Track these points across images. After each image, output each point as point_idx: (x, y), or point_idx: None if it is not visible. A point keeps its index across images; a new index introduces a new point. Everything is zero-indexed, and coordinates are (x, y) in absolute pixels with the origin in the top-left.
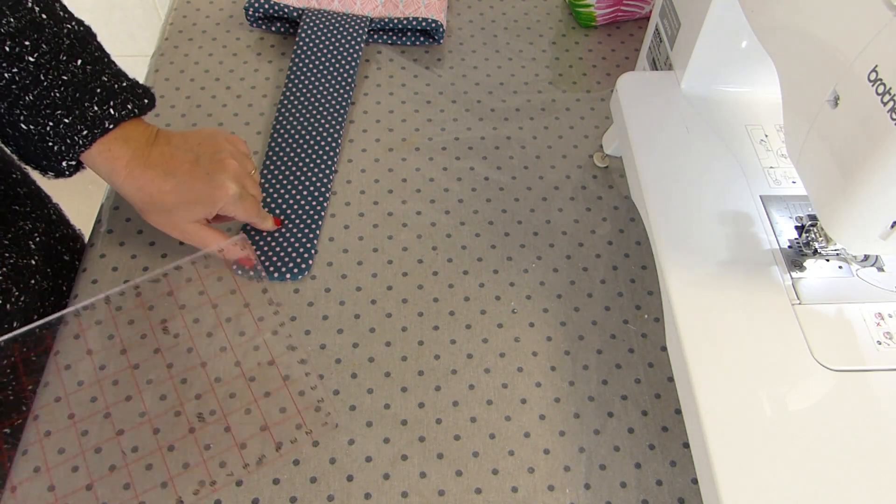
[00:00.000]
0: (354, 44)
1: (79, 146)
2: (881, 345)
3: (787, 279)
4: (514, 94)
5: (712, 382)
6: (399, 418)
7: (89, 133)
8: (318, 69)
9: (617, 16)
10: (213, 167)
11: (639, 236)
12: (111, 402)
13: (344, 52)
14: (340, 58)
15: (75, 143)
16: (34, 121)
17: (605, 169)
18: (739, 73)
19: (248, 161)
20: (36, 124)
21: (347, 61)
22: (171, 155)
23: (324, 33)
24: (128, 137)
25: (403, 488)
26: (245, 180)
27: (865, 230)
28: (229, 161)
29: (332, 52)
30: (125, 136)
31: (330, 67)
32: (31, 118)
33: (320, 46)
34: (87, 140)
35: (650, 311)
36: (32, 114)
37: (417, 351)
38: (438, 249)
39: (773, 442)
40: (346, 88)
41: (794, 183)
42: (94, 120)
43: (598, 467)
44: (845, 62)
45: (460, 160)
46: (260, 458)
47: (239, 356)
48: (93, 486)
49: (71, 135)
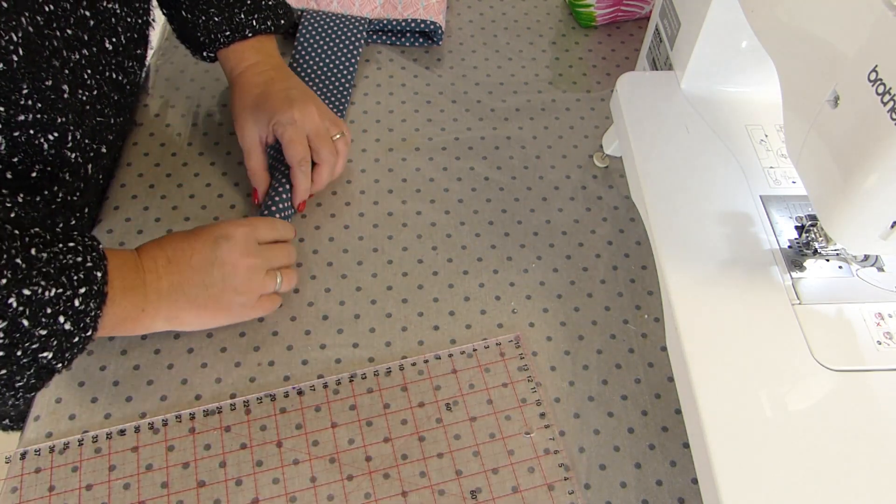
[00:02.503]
0: (353, 44)
1: (219, 43)
2: (881, 345)
3: (787, 279)
4: (514, 94)
5: (712, 382)
6: (399, 418)
7: (231, 35)
8: (317, 69)
9: (617, 16)
10: (298, 97)
11: (639, 236)
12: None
13: (343, 53)
14: (339, 58)
15: (217, 41)
16: (192, 11)
17: (605, 169)
18: (739, 73)
19: (334, 125)
20: (192, 14)
21: (346, 61)
22: (280, 74)
23: (323, 34)
24: (261, 49)
25: (404, 488)
26: (312, 130)
27: (865, 230)
28: (311, 105)
29: (330, 53)
30: (259, 47)
31: (329, 67)
32: (190, 8)
33: (319, 46)
34: (228, 40)
35: (650, 311)
36: (192, 5)
37: (417, 350)
38: (438, 249)
39: (773, 442)
40: (345, 88)
41: (794, 183)
42: (238, 25)
43: (598, 467)
44: (845, 62)
45: (460, 160)
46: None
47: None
48: None
49: (216, 33)
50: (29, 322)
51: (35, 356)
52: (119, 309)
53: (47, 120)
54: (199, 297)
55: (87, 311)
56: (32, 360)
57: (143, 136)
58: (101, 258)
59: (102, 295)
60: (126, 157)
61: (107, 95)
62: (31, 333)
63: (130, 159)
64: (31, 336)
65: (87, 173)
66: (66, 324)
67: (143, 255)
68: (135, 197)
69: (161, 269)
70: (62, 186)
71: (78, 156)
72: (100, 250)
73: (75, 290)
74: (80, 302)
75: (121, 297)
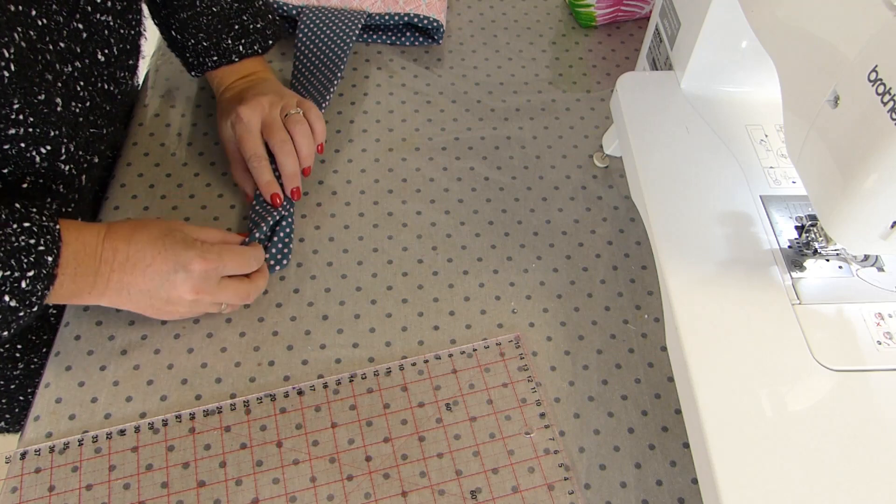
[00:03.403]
0: (347, 35)
1: (206, 67)
2: (881, 345)
3: (787, 279)
4: (514, 94)
5: (712, 382)
6: (399, 418)
7: (219, 60)
8: (308, 62)
9: (617, 16)
10: (271, 89)
11: (639, 236)
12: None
13: (337, 43)
14: (332, 48)
15: (204, 64)
16: (181, 34)
17: (605, 169)
18: (739, 73)
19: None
20: (182, 36)
21: (338, 48)
22: (265, 79)
23: (321, 26)
24: (247, 69)
25: (404, 488)
26: (274, 111)
27: (865, 230)
28: (275, 96)
29: (327, 41)
30: (241, 70)
31: (320, 58)
32: (179, 31)
33: (317, 37)
34: (215, 64)
35: (650, 311)
36: (181, 28)
37: (417, 350)
38: (438, 249)
39: (773, 442)
40: (333, 75)
41: (794, 183)
42: (225, 51)
43: (598, 467)
44: (845, 62)
45: (460, 160)
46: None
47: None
48: None
49: (204, 57)
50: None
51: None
52: (65, 290)
53: (40, 133)
54: (140, 301)
55: (34, 292)
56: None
57: (143, 136)
58: (55, 241)
59: (51, 277)
60: (126, 157)
61: (99, 106)
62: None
63: (130, 159)
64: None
65: (81, 184)
66: (12, 301)
67: (108, 239)
68: (135, 197)
69: (117, 263)
70: (56, 198)
71: (72, 168)
72: (55, 233)
73: (24, 272)
74: (27, 284)
75: (70, 281)
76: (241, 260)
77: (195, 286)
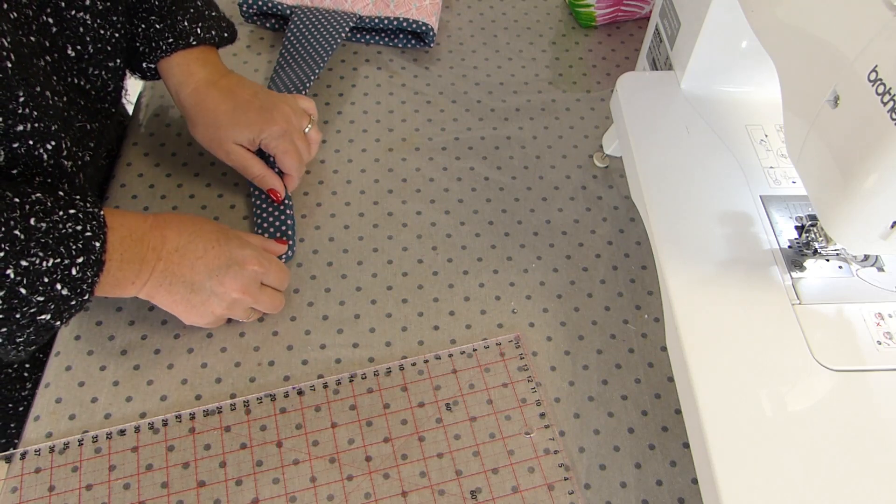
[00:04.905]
0: (336, 32)
1: (162, 51)
2: (881, 345)
3: (787, 279)
4: (514, 94)
5: (712, 382)
6: (399, 418)
7: (174, 42)
8: (296, 57)
9: (617, 16)
10: (269, 104)
11: (639, 236)
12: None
13: (325, 40)
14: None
15: (159, 48)
16: (129, 20)
17: (605, 169)
18: (739, 73)
19: (303, 117)
20: (131, 23)
21: (326, 43)
22: (238, 84)
23: (308, 26)
24: (206, 61)
25: (404, 488)
26: (295, 133)
27: (865, 230)
28: (284, 106)
29: (313, 41)
30: (205, 59)
31: (302, 55)
32: (127, 15)
33: (303, 37)
34: (171, 48)
35: (650, 311)
36: (129, 14)
37: (417, 350)
38: (438, 249)
39: (773, 442)
40: (316, 65)
41: (794, 183)
42: (182, 33)
43: (598, 467)
44: (845, 62)
45: (460, 160)
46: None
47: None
48: None
49: (158, 40)
50: (26, 290)
51: (33, 318)
52: (112, 277)
53: (44, 128)
54: (180, 292)
55: (84, 279)
56: (31, 320)
57: (142, 136)
58: (102, 227)
59: (100, 263)
60: (126, 157)
61: (74, 101)
62: (28, 300)
63: (130, 159)
64: (29, 302)
65: (81, 183)
66: (63, 290)
67: (156, 227)
68: (135, 197)
69: (165, 252)
70: None
71: (71, 165)
72: (101, 219)
73: (73, 259)
74: (77, 270)
75: (116, 268)
76: (282, 273)
77: (243, 285)
